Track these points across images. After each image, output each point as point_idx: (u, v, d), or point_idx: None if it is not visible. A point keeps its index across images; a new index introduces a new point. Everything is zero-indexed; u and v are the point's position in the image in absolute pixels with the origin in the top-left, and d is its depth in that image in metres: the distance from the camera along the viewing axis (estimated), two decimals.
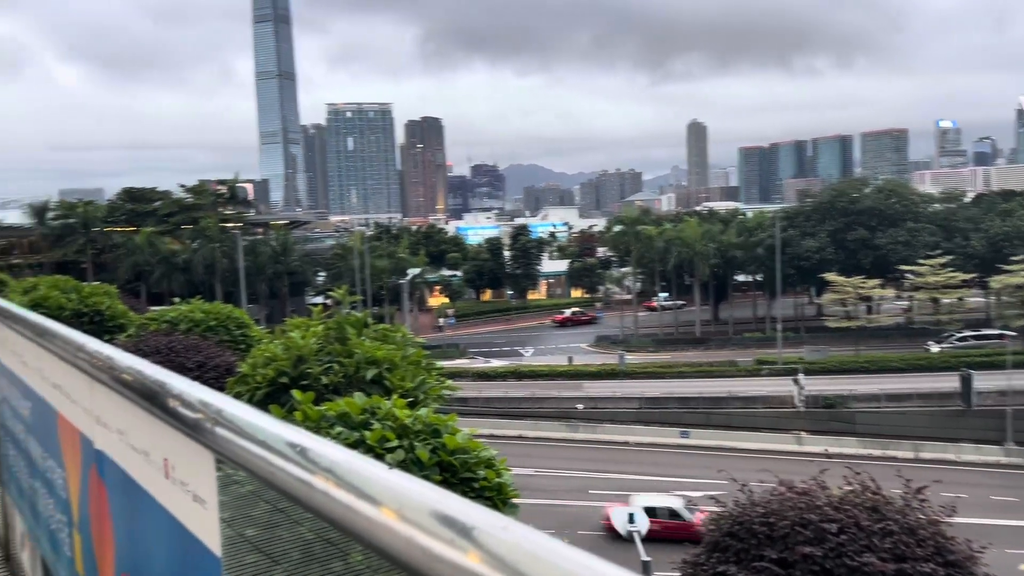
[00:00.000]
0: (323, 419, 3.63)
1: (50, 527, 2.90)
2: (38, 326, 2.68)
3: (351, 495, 0.92)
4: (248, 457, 1.17)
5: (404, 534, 0.82)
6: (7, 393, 3.68)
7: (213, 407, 1.36)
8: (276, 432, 1.14)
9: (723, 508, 9.29)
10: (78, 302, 12.54)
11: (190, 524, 1.51)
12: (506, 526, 0.76)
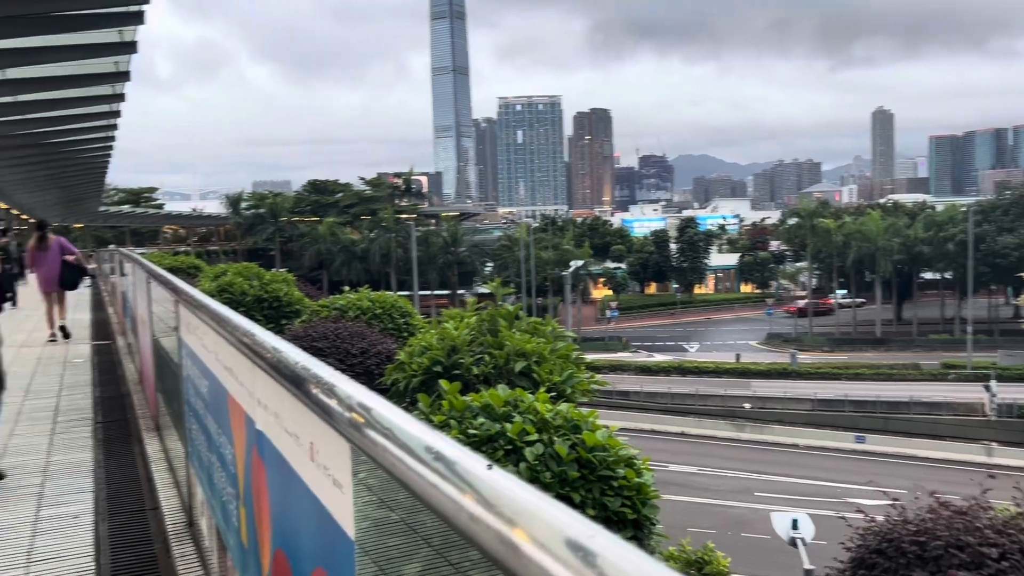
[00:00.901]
0: (467, 409, 3.72)
1: (222, 499, 3.13)
2: (213, 312, 2.89)
3: (465, 497, 0.93)
4: (373, 447, 1.22)
5: (528, 555, 0.81)
6: (191, 372, 4.00)
7: (349, 398, 1.42)
8: (403, 428, 1.17)
9: (870, 522, 8.72)
10: (259, 288, 13.45)
11: (330, 506, 1.59)
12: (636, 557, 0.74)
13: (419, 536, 1.96)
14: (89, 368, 10.41)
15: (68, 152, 25.03)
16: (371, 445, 1.25)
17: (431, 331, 6.42)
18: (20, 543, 4.37)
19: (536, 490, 0.91)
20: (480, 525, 0.89)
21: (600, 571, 0.74)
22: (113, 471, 5.82)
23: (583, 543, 0.78)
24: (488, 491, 0.93)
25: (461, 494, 0.93)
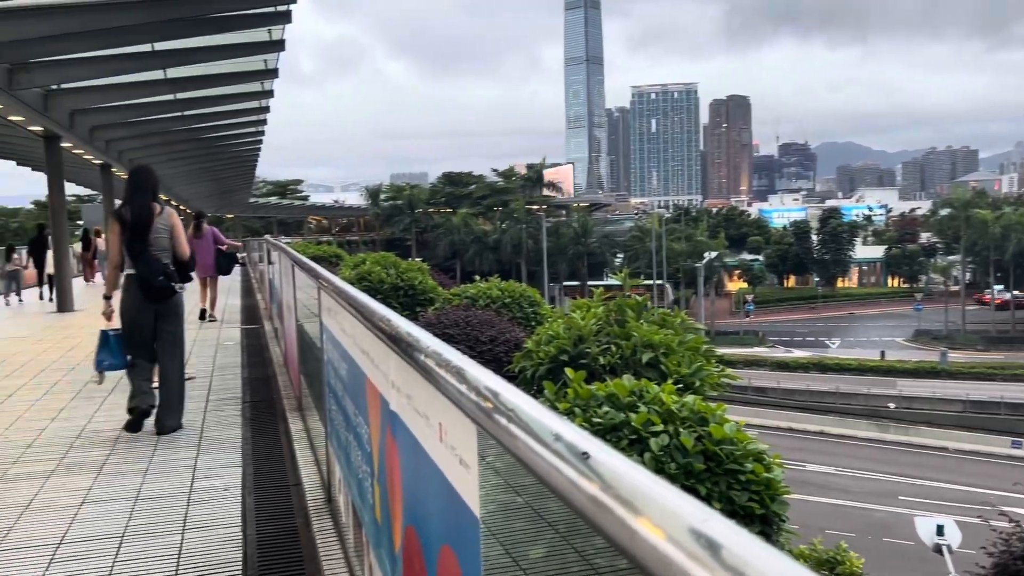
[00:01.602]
0: (592, 398, 3.73)
1: (358, 477, 3.27)
2: (353, 299, 3.01)
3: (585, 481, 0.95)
4: (499, 430, 1.25)
5: (650, 543, 0.82)
6: (331, 356, 4.19)
7: (477, 382, 1.46)
8: (528, 412, 1.20)
9: (1016, 528, 8.16)
10: (396, 277, 13.91)
11: (458, 485, 1.64)
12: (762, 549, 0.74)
13: (541, 517, 1.99)
14: (239, 351, 11.03)
15: (222, 146, 26.55)
16: (497, 427, 1.28)
17: (558, 321, 6.47)
18: (177, 511, 4.71)
19: (659, 478, 0.92)
20: (602, 509, 0.90)
21: (723, 560, 0.74)
22: (259, 448, 6.16)
23: (705, 531, 0.78)
24: (610, 476, 0.94)
25: (582, 478, 0.95)
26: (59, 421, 7.06)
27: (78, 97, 15.70)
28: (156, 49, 13.04)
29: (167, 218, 6.77)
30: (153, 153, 25.58)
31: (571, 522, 2.08)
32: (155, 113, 18.63)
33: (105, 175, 23.97)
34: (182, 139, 23.50)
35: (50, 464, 5.75)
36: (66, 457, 5.92)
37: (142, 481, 5.30)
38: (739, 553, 0.72)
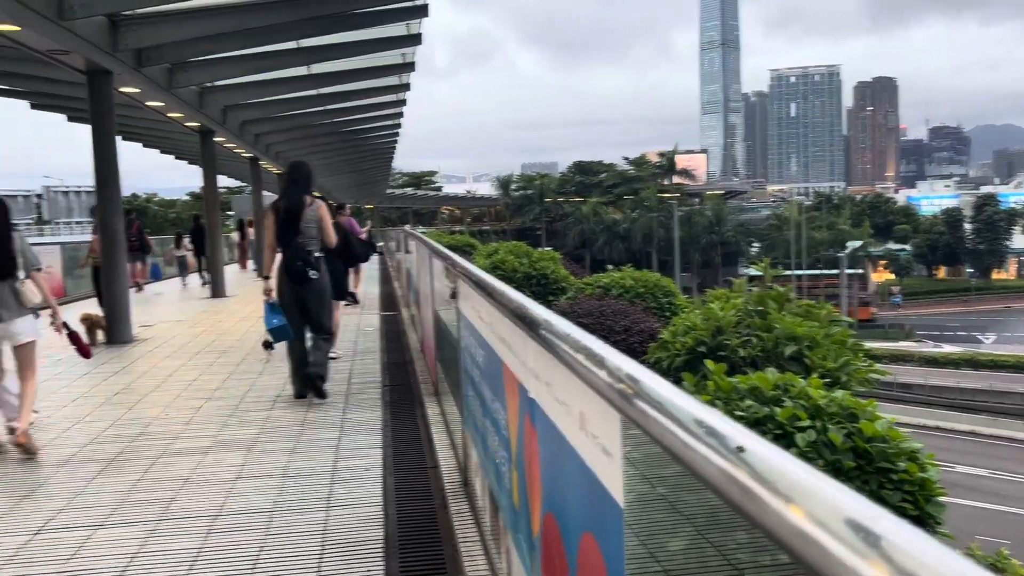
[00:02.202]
0: (734, 391, 3.63)
1: (495, 462, 3.32)
2: (491, 287, 3.06)
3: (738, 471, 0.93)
4: (643, 418, 1.24)
5: (800, 530, 0.81)
6: (468, 342, 4.27)
7: (619, 371, 1.45)
8: (673, 401, 1.19)
9: None
10: (528, 266, 14.04)
11: (600, 474, 1.64)
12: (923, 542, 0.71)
13: (686, 508, 1.97)
14: (378, 336, 11.40)
15: (361, 139, 27.44)
16: (641, 416, 1.27)
17: (695, 311, 6.33)
18: (322, 489, 4.92)
19: (814, 470, 0.89)
20: (753, 500, 0.88)
21: (885, 553, 0.71)
22: (398, 430, 6.36)
23: (866, 524, 0.75)
24: (762, 466, 0.92)
25: (734, 468, 0.93)
26: (213, 401, 7.50)
27: (230, 94, 16.59)
28: (301, 46, 13.62)
29: (316, 210, 7.37)
30: (297, 146, 26.74)
31: (714, 515, 2.04)
32: (299, 108, 19.44)
33: (254, 167, 25.25)
34: (324, 132, 24.43)
35: (206, 441, 6.12)
36: (220, 434, 6.29)
37: (289, 459, 5.56)
38: (917, 555, 0.69)
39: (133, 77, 11.92)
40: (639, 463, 1.70)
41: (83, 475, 5.37)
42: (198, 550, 4.06)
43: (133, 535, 4.30)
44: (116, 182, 11.63)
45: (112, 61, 10.95)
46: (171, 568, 3.86)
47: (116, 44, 10.84)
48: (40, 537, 4.31)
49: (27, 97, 17.06)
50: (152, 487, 5.09)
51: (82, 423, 6.82)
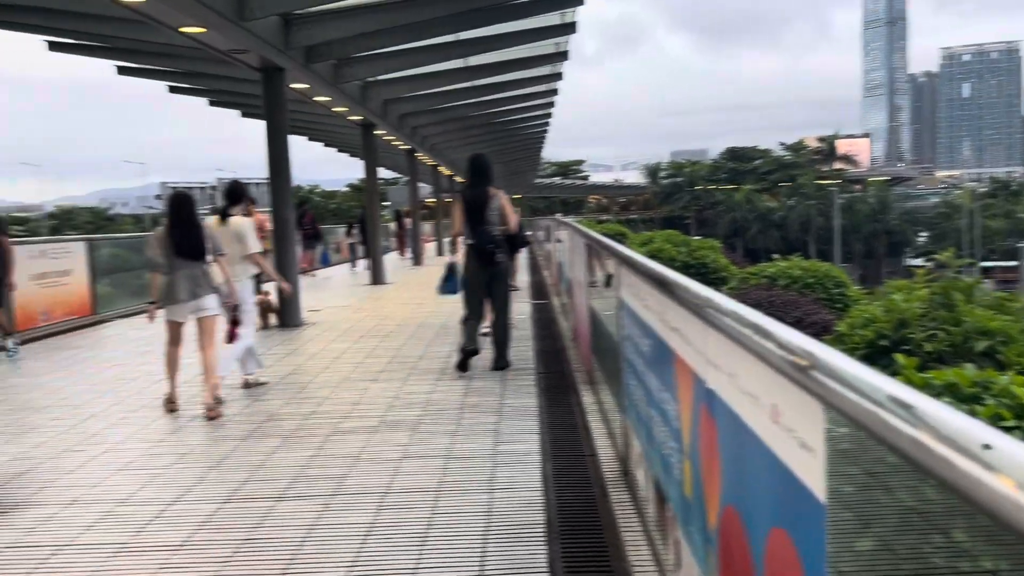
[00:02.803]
0: (927, 387, 3.43)
1: (662, 452, 3.30)
2: (662, 276, 3.03)
3: (972, 464, 0.89)
4: (854, 410, 1.20)
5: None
6: (631, 331, 4.25)
7: (822, 359, 1.41)
8: (887, 388, 1.14)
9: None
10: (687, 255, 13.79)
11: (796, 468, 1.60)
12: None
13: (904, 507, 1.88)
14: (529, 324, 11.53)
15: (512, 129, 27.77)
16: (851, 407, 1.23)
17: (876, 302, 6.02)
18: (484, 472, 5.04)
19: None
20: (1008, 502, 0.84)
21: None
22: (554, 417, 6.42)
23: None
24: (998, 460, 0.87)
25: (981, 468, 0.88)
26: (378, 383, 7.82)
27: (391, 88, 17.17)
28: (459, 39, 13.91)
29: (498, 199, 8.19)
30: (451, 138, 27.38)
31: (941, 516, 1.92)
32: (454, 100, 19.89)
33: (410, 159, 26.03)
34: (477, 123, 24.89)
35: (373, 421, 6.40)
36: (386, 416, 6.55)
37: (451, 441, 5.73)
38: None
39: (303, 73, 12.54)
40: (842, 458, 1.64)
41: (264, 449, 5.73)
42: (370, 525, 4.25)
43: (310, 508, 4.55)
44: (287, 174, 12.29)
45: (285, 59, 11.56)
46: (346, 541, 4.06)
47: (288, 42, 11.44)
48: (228, 506, 4.64)
49: (206, 95, 18.28)
50: (325, 463, 5.37)
51: (260, 400, 7.27)
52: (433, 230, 35.01)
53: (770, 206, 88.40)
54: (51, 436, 6.32)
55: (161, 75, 15.89)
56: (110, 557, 3.97)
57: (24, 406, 7.33)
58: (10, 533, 4.36)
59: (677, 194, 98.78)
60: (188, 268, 6.83)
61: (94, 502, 4.78)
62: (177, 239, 6.83)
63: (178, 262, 6.82)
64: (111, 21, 11.39)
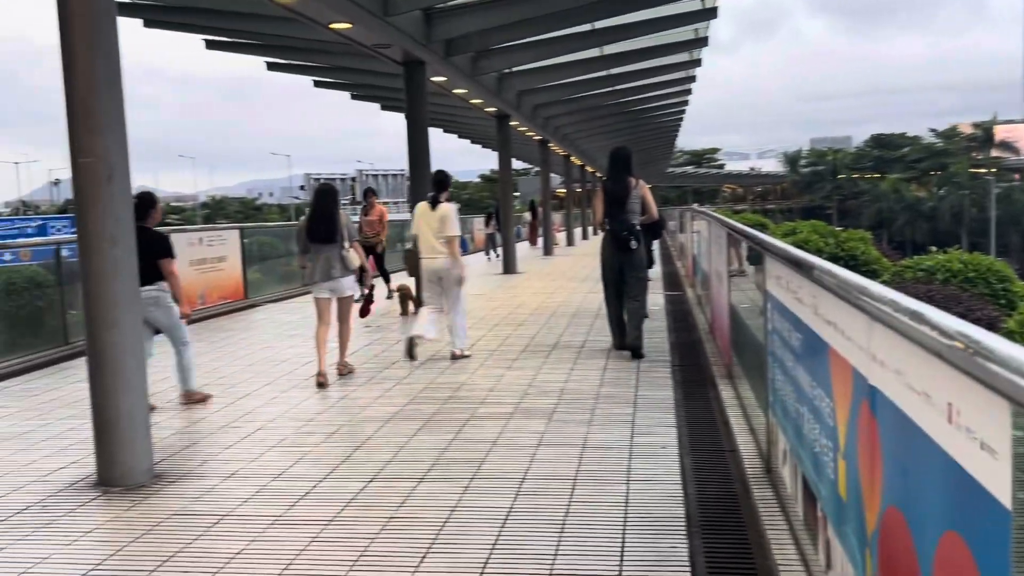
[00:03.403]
0: None
1: (813, 449, 3.19)
2: (817, 267, 2.93)
3: None
4: None
5: None
6: (778, 325, 4.13)
7: (1009, 356, 1.34)
8: None
9: None
10: (834, 246, 13.25)
11: (974, 471, 1.52)
12: None
13: None
14: (664, 315, 11.39)
15: (647, 118, 27.42)
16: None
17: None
18: (621, 463, 5.03)
19: None
20: None
21: None
22: (691, 411, 6.32)
23: None
24: None
25: None
26: (513, 371, 7.92)
27: (525, 79, 17.28)
28: (595, 28, 13.84)
29: (639, 189, 8.49)
30: (583, 128, 27.31)
31: None
32: (588, 90, 19.81)
33: (543, 150, 26.16)
34: (610, 113, 24.71)
35: (508, 408, 6.49)
36: (521, 403, 6.63)
37: (587, 431, 5.74)
38: None
39: (443, 66, 12.80)
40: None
41: (405, 431, 5.91)
42: (508, 510, 4.32)
43: (450, 490, 4.66)
44: (427, 166, 12.58)
45: (426, 52, 11.84)
46: (486, 524, 4.14)
47: (429, 36, 11.70)
48: (373, 484, 4.82)
49: (349, 88, 18.93)
50: (464, 447, 5.49)
51: (401, 384, 7.50)
52: (564, 220, 35.04)
53: (918, 196, 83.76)
54: (210, 413, 6.74)
55: (307, 70, 16.58)
56: (265, 529, 4.20)
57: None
58: (178, 501, 4.68)
59: (818, 183, 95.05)
60: (325, 252, 7.67)
61: (251, 476, 5.07)
62: (313, 226, 7.67)
63: (316, 247, 7.70)
64: (264, 19, 11.97)
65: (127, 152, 5.08)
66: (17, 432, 6.35)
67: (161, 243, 6.79)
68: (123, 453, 5.04)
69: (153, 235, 6.75)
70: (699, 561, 3.67)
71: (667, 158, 55.87)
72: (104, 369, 5.05)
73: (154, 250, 6.63)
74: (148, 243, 6.36)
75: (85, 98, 4.89)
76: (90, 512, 4.58)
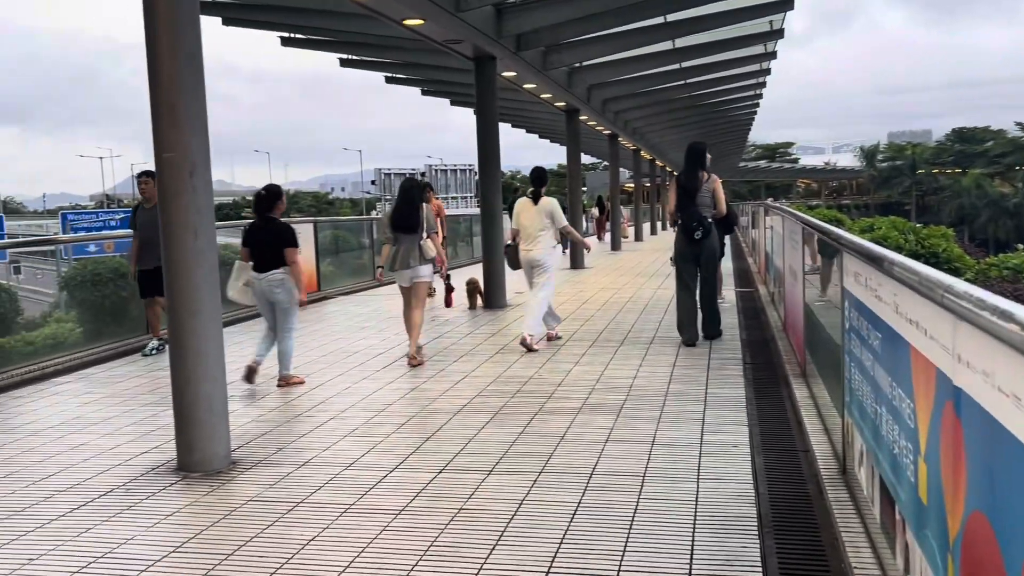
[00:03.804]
0: None
1: (892, 451, 3.12)
2: (899, 265, 2.86)
3: None
4: None
5: None
6: (855, 323, 4.04)
7: None
8: None
9: None
10: (915, 243, 12.86)
11: None
12: None
13: None
14: (734, 312, 11.23)
15: (719, 112, 27.02)
16: None
17: None
18: (690, 460, 4.98)
19: None
20: None
21: None
22: (764, 410, 6.22)
23: None
24: None
25: None
26: (581, 365, 7.91)
27: (596, 73, 17.20)
28: (667, 21, 13.69)
29: (711, 184, 8.85)
30: (654, 122, 27.04)
31: None
32: (659, 83, 19.61)
33: (612, 144, 25.99)
34: (682, 107, 24.42)
35: (576, 403, 6.48)
36: (589, 398, 6.61)
37: (656, 428, 5.70)
38: None
39: (513, 61, 12.82)
40: None
41: (473, 424, 5.96)
42: (576, 504, 4.32)
43: (518, 483, 4.69)
44: (497, 161, 12.64)
45: (497, 47, 11.87)
46: (555, 517, 4.15)
47: (500, 31, 11.73)
48: (443, 476, 4.87)
49: (420, 84, 19.12)
50: (532, 441, 5.50)
51: (470, 377, 7.56)
52: (632, 215, 34.78)
53: (1003, 192, 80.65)
54: (284, 401, 6.91)
55: (380, 66, 16.79)
56: (338, 517, 4.29)
57: (261, 373, 8.03)
58: (254, 488, 4.81)
59: (896, 178, 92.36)
60: (406, 242, 8.21)
61: (324, 464, 5.18)
62: (397, 216, 8.25)
63: (397, 236, 8.27)
64: (338, 16, 12.17)
65: (208, 147, 5.23)
66: (102, 417, 6.60)
67: (288, 233, 7.43)
68: (202, 439, 5.19)
69: (280, 225, 7.50)
70: (771, 562, 3.61)
71: (739, 152, 54.94)
72: (185, 356, 5.21)
73: (282, 239, 7.36)
74: (276, 232, 7.40)
75: (169, 95, 5.05)
76: (170, 496, 4.74)
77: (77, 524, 4.33)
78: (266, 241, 7.37)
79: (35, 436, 6.12)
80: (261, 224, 7.45)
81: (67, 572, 3.74)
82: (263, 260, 7.34)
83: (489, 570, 3.59)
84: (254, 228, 7.50)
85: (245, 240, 7.54)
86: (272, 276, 7.29)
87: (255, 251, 7.40)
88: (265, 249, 7.34)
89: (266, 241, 7.37)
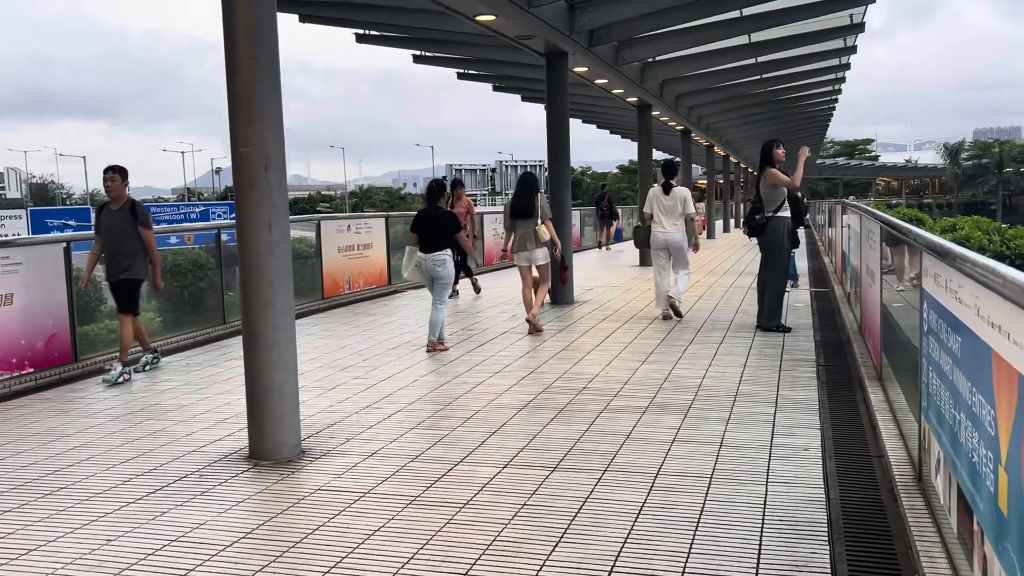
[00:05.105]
0: None
1: (971, 459, 3.00)
2: (981, 265, 2.75)
3: None
4: None
5: None
6: (934, 326, 3.90)
7: None
8: None
9: None
10: (999, 244, 12.38)
11: None
12: None
13: None
14: (809, 313, 10.97)
15: (796, 107, 26.40)
16: None
17: None
18: (759, 463, 4.88)
19: None
20: None
21: None
22: (836, 413, 6.07)
23: None
24: None
25: None
26: (648, 364, 7.83)
27: (669, 67, 16.98)
28: (744, 15, 13.42)
29: (764, 176, 9.40)
30: (727, 117, 26.59)
31: None
32: (734, 78, 19.25)
33: (684, 140, 25.65)
34: (757, 102, 23.94)
35: (643, 402, 6.42)
36: (656, 397, 6.54)
37: (724, 429, 5.61)
38: None
39: (585, 57, 12.75)
40: None
41: (538, 420, 5.96)
42: (641, 504, 4.28)
43: (583, 480, 4.66)
44: (566, 156, 12.60)
45: (569, 43, 11.82)
46: (619, 516, 4.11)
47: (572, 26, 11.68)
48: (507, 471, 4.88)
49: (491, 80, 19.16)
50: (597, 439, 5.47)
51: (535, 373, 7.56)
52: (704, 212, 34.28)
53: None
54: (353, 393, 7.02)
55: (451, 62, 16.88)
56: (403, 508, 4.33)
57: (331, 364, 8.18)
58: (322, 477, 4.90)
59: (981, 177, 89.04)
60: (522, 227, 9.61)
61: (391, 456, 5.24)
62: (516, 204, 9.63)
63: (514, 223, 9.69)
64: (411, 13, 12.28)
65: (283, 142, 5.33)
66: (178, 405, 6.81)
67: (455, 220, 8.74)
68: (273, 428, 5.31)
69: (447, 214, 8.75)
70: (841, 568, 3.52)
71: (817, 149, 53.62)
72: (258, 346, 5.33)
73: (450, 225, 8.61)
74: (443, 220, 8.62)
75: (246, 91, 5.17)
76: (242, 483, 4.86)
77: (152, 508, 4.48)
78: (433, 226, 8.59)
79: (115, 421, 6.35)
80: (431, 212, 8.64)
81: (141, 554, 3.87)
82: (429, 242, 8.56)
83: (551, 566, 3.58)
84: (422, 216, 8.70)
85: (414, 226, 8.70)
86: (436, 256, 8.54)
87: (423, 236, 8.59)
88: (432, 232, 8.57)
89: (433, 226, 8.59)
